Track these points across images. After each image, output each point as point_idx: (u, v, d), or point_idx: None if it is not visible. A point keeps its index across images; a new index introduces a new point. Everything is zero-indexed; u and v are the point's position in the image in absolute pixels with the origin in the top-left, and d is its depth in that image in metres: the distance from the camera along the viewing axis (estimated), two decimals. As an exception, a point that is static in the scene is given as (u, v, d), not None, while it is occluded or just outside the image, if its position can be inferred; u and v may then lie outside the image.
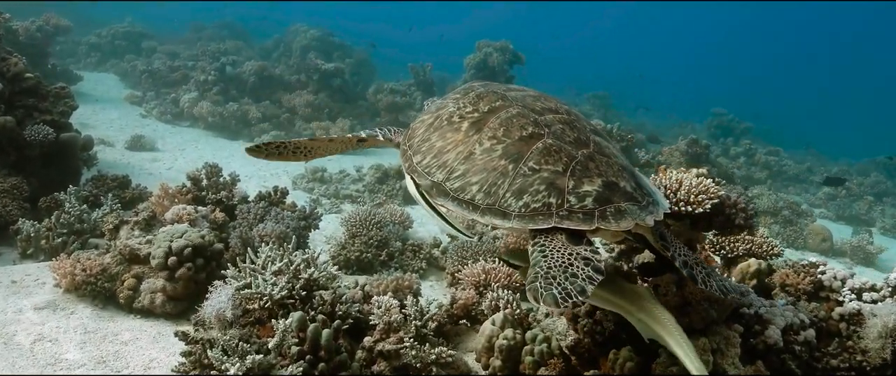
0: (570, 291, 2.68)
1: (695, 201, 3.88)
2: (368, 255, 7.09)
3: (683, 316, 4.01)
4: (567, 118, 3.50)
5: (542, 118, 3.43)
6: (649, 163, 13.42)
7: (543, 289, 2.69)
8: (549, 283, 2.71)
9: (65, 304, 5.19)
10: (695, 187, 3.92)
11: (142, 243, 5.61)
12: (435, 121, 3.67)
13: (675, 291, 4.01)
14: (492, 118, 3.45)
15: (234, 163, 12.75)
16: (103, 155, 11.39)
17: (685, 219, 3.98)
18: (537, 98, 3.69)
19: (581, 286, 2.71)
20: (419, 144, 3.61)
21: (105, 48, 21.83)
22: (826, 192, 16.14)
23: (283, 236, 5.78)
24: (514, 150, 3.24)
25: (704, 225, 4.07)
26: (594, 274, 2.79)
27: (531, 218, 3.02)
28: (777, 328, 4.20)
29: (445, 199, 3.26)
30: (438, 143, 3.50)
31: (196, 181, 6.46)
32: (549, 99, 3.75)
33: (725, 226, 4.06)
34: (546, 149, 3.21)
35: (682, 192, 3.91)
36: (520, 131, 3.33)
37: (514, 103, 3.55)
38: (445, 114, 3.65)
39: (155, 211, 5.99)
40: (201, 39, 24.38)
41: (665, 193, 3.98)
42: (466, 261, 6.73)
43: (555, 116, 3.47)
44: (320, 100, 17.13)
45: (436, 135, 3.56)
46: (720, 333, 4.05)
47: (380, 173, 11.27)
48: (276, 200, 6.60)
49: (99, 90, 17.90)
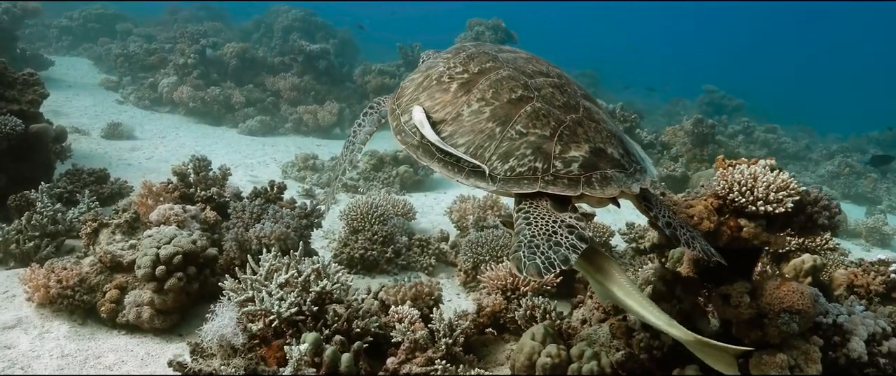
0: (552, 260, 2.68)
1: (775, 199, 3.33)
2: (374, 253, 6.52)
3: (757, 329, 3.50)
4: (558, 82, 3.43)
5: (533, 81, 3.37)
6: (651, 144, 12.93)
7: (526, 259, 2.68)
8: (532, 253, 2.70)
9: (38, 322, 4.57)
10: (773, 183, 3.38)
11: (125, 249, 4.99)
12: (424, 81, 3.59)
13: (747, 302, 3.49)
14: (481, 79, 3.38)
15: (219, 149, 12.10)
16: (78, 145, 10.66)
17: (760, 220, 3.44)
18: (529, 60, 3.61)
19: (564, 255, 2.70)
20: (408, 104, 3.54)
21: (77, 31, 20.87)
22: (829, 171, 15.73)
23: (284, 237, 5.18)
24: (502, 113, 3.19)
25: (781, 225, 3.54)
26: (578, 242, 2.77)
27: (516, 182, 3.01)
28: (860, 339, 3.70)
29: (431, 160, 3.23)
30: (427, 103, 3.43)
31: (183, 176, 5.83)
32: (541, 61, 3.66)
33: (806, 226, 3.53)
34: (534, 113, 3.17)
35: (759, 190, 3.37)
36: (509, 94, 3.27)
37: (504, 65, 3.48)
38: (435, 73, 3.57)
39: (138, 211, 5.36)
40: (178, 21, 23.43)
41: (736, 191, 3.44)
42: (482, 258, 6.19)
43: (545, 80, 3.41)
44: (306, 82, 16.39)
45: (424, 95, 3.50)
46: (798, 347, 3.54)
47: (375, 160, 10.63)
48: (274, 197, 5.98)
49: (72, 75, 17.03)
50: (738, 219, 3.46)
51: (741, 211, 3.45)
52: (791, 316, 3.38)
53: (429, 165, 3.28)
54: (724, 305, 3.53)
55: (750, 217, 3.44)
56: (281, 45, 19.39)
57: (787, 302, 3.37)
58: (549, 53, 4.16)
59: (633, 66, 36.04)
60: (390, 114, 3.68)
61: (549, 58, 3.81)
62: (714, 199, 3.54)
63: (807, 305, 3.39)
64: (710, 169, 12.01)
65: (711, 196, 3.55)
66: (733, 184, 3.42)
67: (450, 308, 4.96)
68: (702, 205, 3.43)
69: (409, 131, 3.40)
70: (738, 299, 3.47)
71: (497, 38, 16.81)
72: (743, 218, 3.45)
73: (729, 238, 3.44)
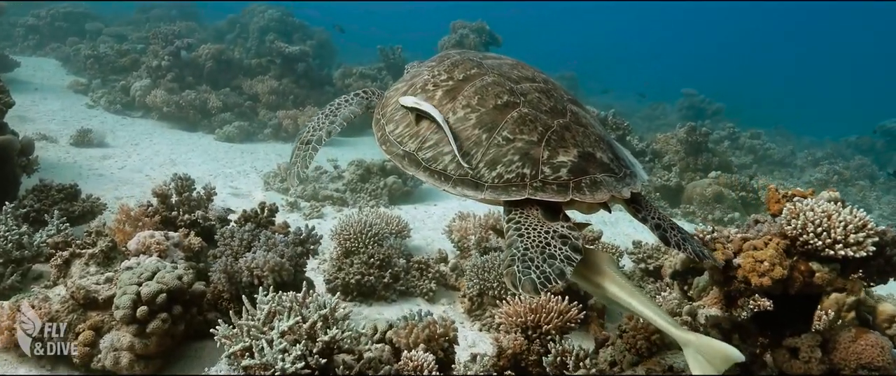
0: (548, 275, 2.60)
1: (855, 242, 2.93)
2: (371, 278, 6.05)
3: (830, 386, 3.09)
4: (544, 86, 3.37)
5: (519, 86, 3.31)
6: (643, 152, 12.60)
7: (521, 274, 2.60)
8: (526, 267, 2.63)
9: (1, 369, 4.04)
10: (851, 223, 2.98)
11: (100, 283, 4.46)
12: (409, 90, 3.52)
13: (819, 356, 3.09)
14: (466, 86, 3.32)
15: (195, 158, 11.51)
16: (45, 153, 10.04)
17: (834, 264, 3.04)
18: (514, 66, 3.56)
19: (560, 268, 2.63)
20: (393, 112, 3.49)
21: (44, 30, 20.05)
22: (818, 179, 15.57)
23: (278, 268, 4.69)
24: (489, 119, 3.13)
25: (854, 268, 3.15)
26: (572, 253, 2.71)
27: (504, 189, 2.95)
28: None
29: (417, 170, 3.17)
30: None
31: (164, 198, 5.31)
32: (527, 67, 3.62)
33: (885, 269, 3.14)
34: (521, 119, 3.11)
35: (836, 231, 2.97)
36: (495, 100, 3.21)
37: (489, 71, 3.41)
38: (420, 82, 3.50)
39: (115, 239, 4.83)
40: (150, 20, 22.71)
41: (810, 233, 3.04)
42: (489, 285, 5.75)
43: (531, 85, 3.35)
44: (284, 85, 15.84)
45: None
46: (871, 405, 3.14)
47: (361, 170, 10.13)
48: (265, 220, 5.48)
49: (38, 77, 16.27)
50: (810, 262, 3.06)
51: (813, 254, 3.05)
52: (870, 372, 2.99)
53: (415, 175, 3.20)
54: (792, 359, 3.13)
55: (823, 260, 3.04)
56: (257, 47, 18.78)
57: (866, 358, 2.99)
58: (529, 55, 3.95)
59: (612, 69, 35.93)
60: (375, 124, 3.60)
61: (525, 59, 3.71)
62: (780, 240, 3.13)
63: (887, 361, 3.00)
64: (705, 179, 11.76)
65: (778, 236, 3.15)
66: (806, 224, 3.02)
67: (479, 359, 4.53)
68: (772, 248, 3.02)
69: (394, 141, 3.35)
70: (808, 354, 3.08)
71: (481, 41, 16.43)
72: (815, 261, 3.05)
73: (801, 284, 3.04)
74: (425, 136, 3.23)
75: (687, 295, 5.61)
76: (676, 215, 11.33)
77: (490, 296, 5.83)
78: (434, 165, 3.13)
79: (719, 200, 11.09)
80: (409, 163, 3.22)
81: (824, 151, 20.10)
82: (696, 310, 5.05)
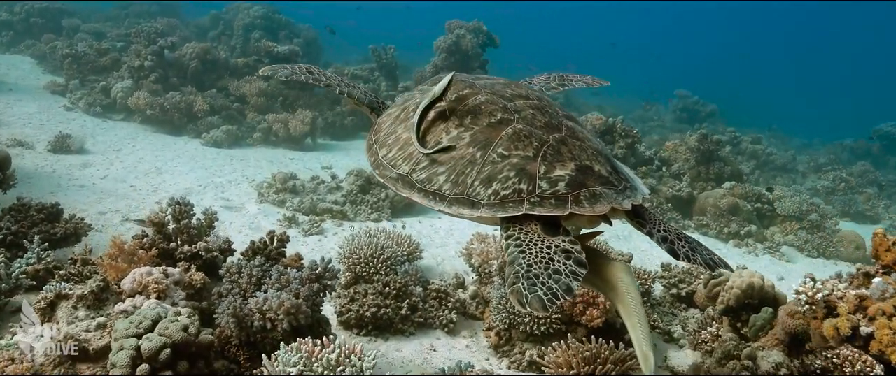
0: (555, 291, 2.50)
1: None
2: (387, 311, 5.50)
3: None
4: (538, 103, 3.36)
5: (512, 104, 3.30)
6: (650, 160, 12.13)
7: (527, 291, 2.49)
8: (532, 284, 2.53)
9: (-24, 439, 3.45)
10: None
11: (91, 330, 3.88)
12: (401, 114, 3.55)
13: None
14: (459, 106, 3.31)
15: (181, 165, 10.85)
16: (21, 161, 9.36)
17: None
18: (507, 85, 3.58)
19: (566, 284, 2.55)
20: (385, 137, 3.49)
21: (18, 26, 19.17)
22: (824, 186, 15.20)
23: (295, 311, 4.12)
24: (483, 137, 3.11)
25: None
26: (577, 267, 2.64)
27: (501, 205, 2.89)
28: None
29: (412, 191, 3.11)
30: (405, 135, 3.36)
31: (160, 227, 4.71)
32: (520, 86, 3.64)
33: None
34: (516, 135, 3.09)
35: None
36: (488, 118, 3.20)
37: (482, 90, 3.42)
38: (412, 105, 3.50)
39: (107, 277, 4.23)
40: (129, 16, 21.89)
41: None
42: (519, 319, 5.23)
43: (525, 102, 3.34)
44: (272, 86, 15.16)
45: (401, 127, 3.44)
46: None
47: (361, 180, 9.53)
48: (275, 253, 4.87)
49: (12, 76, 15.47)
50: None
51: None
52: None
53: (410, 197, 3.12)
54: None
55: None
56: (242, 45, 18.09)
57: None
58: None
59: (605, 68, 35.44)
60: (368, 150, 3.57)
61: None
62: None
63: None
64: (717, 189, 11.31)
65: None
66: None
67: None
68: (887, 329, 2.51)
69: (387, 165, 3.31)
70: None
71: (478, 42, 15.90)
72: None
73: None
74: (418, 158, 3.19)
75: (740, 332, 5.13)
76: (689, 227, 10.87)
77: (520, 332, 5.31)
78: (429, 186, 3.07)
79: (735, 212, 10.64)
80: (403, 185, 3.16)
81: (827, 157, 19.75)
82: (756, 353, 4.56)
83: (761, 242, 10.44)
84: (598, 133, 11.57)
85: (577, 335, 5.22)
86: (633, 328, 2.85)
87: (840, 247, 10.38)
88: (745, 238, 10.39)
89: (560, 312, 5.22)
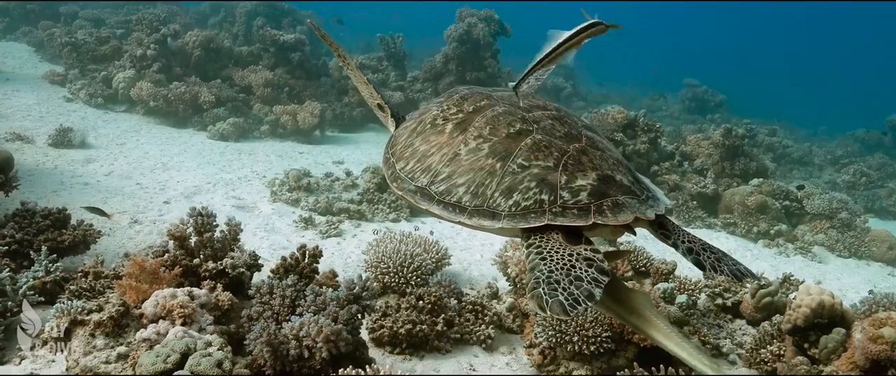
0: (577, 296, 2.45)
1: None
2: (423, 327, 5.11)
3: None
4: (556, 114, 3.34)
5: (530, 115, 3.27)
6: (671, 155, 11.73)
7: (548, 296, 2.44)
8: (552, 289, 2.47)
9: None
10: None
11: (111, 360, 3.50)
12: (418, 126, 3.52)
13: None
14: (477, 117, 3.29)
15: (188, 160, 10.43)
16: (21, 156, 8.93)
17: None
18: (524, 97, 3.53)
19: (588, 290, 2.49)
20: (402, 150, 3.46)
21: (14, 12, 18.66)
22: (845, 181, 14.81)
23: (335, 337, 3.73)
24: (502, 148, 3.08)
25: None
26: (599, 275, 2.58)
27: (523, 217, 2.83)
28: None
29: (430, 203, 3.08)
30: (422, 147, 3.34)
31: (182, 241, 4.31)
32: (538, 97, 3.62)
33: None
34: (535, 145, 3.05)
35: None
36: (507, 128, 3.16)
37: (499, 102, 3.41)
38: (429, 117, 3.50)
39: (127, 300, 3.84)
40: (128, 2, 21.33)
41: None
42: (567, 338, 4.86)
43: (544, 112, 3.32)
44: (278, 77, 14.71)
45: (419, 140, 3.41)
46: None
47: (378, 178, 9.11)
48: (308, 270, 4.44)
49: (9, 65, 15.00)
50: None
51: None
52: None
53: (429, 209, 3.09)
54: None
55: None
56: (245, 33, 17.60)
57: None
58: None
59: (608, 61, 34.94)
60: (385, 163, 3.53)
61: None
62: None
63: None
64: (744, 186, 10.93)
65: None
66: None
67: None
68: None
69: (405, 178, 3.27)
70: None
71: (490, 31, 15.46)
72: None
73: None
74: (437, 170, 3.16)
75: (807, 353, 4.76)
76: (716, 226, 10.49)
77: (567, 350, 4.93)
78: (448, 198, 3.03)
79: (763, 211, 10.25)
80: (422, 197, 3.13)
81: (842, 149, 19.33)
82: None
83: (792, 242, 10.05)
84: (620, 127, 11.17)
85: (628, 354, 4.89)
86: (679, 347, 2.78)
87: (872, 247, 10.00)
88: (775, 238, 10.01)
89: (610, 330, 4.87)
